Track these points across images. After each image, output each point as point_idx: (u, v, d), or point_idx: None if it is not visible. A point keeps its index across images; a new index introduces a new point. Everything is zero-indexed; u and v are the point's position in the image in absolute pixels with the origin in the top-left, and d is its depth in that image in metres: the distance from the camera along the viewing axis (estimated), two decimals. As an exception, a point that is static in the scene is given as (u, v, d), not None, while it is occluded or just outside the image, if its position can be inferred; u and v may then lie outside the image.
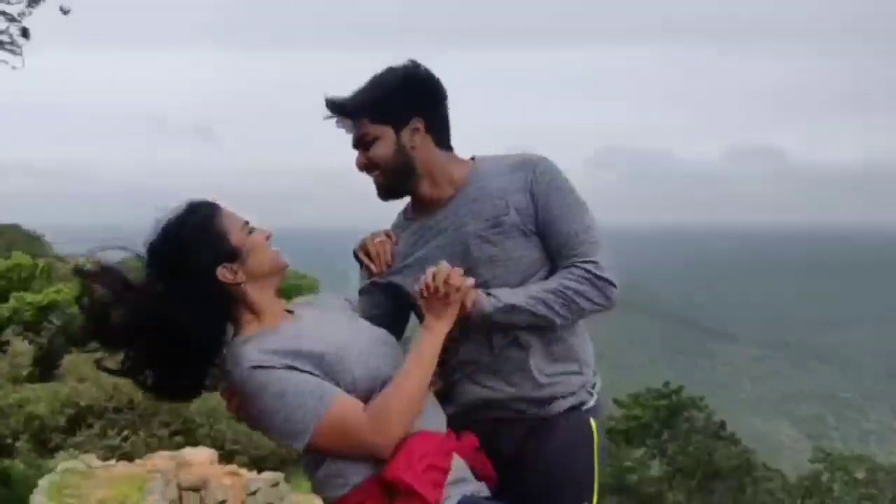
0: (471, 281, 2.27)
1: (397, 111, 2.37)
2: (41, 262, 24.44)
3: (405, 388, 2.11)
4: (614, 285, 2.32)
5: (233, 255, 2.20)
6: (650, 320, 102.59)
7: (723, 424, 23.59)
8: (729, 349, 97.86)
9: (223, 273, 2.18)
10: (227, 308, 2.23)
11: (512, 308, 2.29)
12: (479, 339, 2.39)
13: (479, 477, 2.27)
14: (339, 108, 2.40)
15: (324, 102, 2.41)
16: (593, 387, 2.49)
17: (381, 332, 2.35)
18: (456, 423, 2.34)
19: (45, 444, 14.33)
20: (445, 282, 2.21)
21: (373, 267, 2.52)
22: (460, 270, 2.25)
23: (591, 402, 2.46)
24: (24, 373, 13.78)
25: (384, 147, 2.39)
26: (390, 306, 2.51)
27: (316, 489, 2.25)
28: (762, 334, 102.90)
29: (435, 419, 2.25)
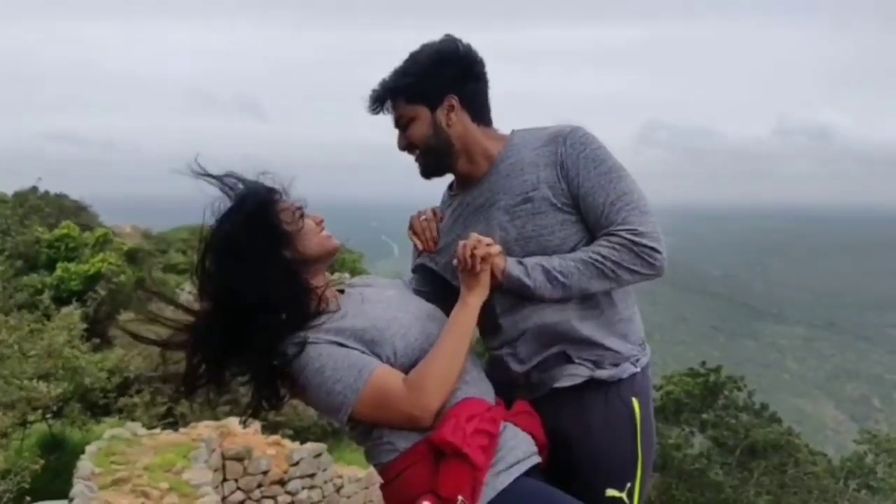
0: (496, 248, 2.26)
1: (431, 91, 2.37)
2: (97, 232, 24.71)
3: (440, 360, 2.13)
4: (658, 251, 2.26)
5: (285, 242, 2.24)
6: (696, 298, 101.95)
7: (763, 405, 23.35)
8: (775, 329, 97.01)
9: None
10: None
11: (542, 274, 2.26)
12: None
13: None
14: (376, 91, 2.41)
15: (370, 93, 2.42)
16: (636, 361, 2.43)
17: (428, 308, 2.36)
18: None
19: (94, 410, 14.55)
20: (472, 253, 2.22)
21: (419, 244, 2.55)
22: (487, 240, 2.25)
23: (624, 375, 2.38)
24: (73, 338, 13.97)
25: (421, 127, 2.39)
26: (437, 283, 2.52)
27: (367, 457, 2.30)
28: (809, 314, 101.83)
29: (480, 390, 2.26)
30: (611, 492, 2.35)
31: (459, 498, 2.05)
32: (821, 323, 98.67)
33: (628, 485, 2.37)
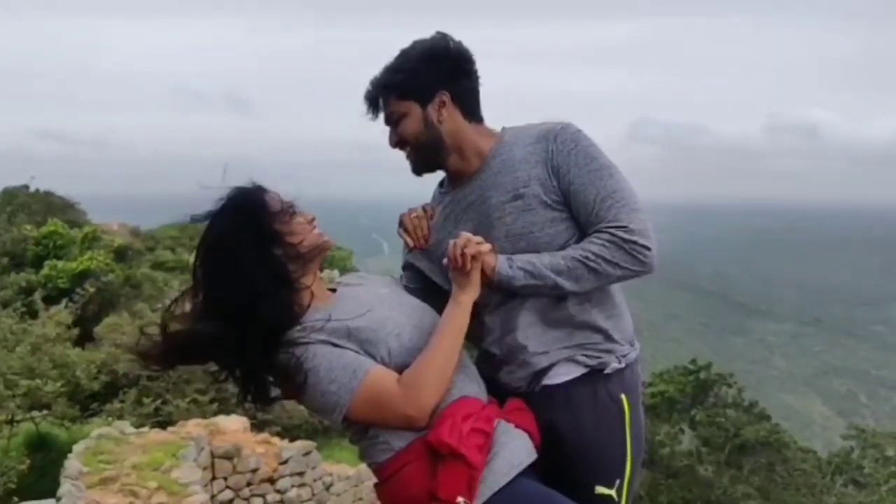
0: (486, 246, 2.25)
1: (422, 86, 2.36)
2: (85, 229, 24.59)
3: (435, 359, 2.12)
4: (648, 248, 2.24)
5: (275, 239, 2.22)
6: (686, 295, 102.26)
7: (752, 402, 23.47)
8: (763, 325, 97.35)
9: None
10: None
11: (533, 272, 2.26)
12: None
13: None
14: (368, 91, 2.41)
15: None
16: (624, 356, 2.42)
17: (422, 306, 2.35)
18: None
19: (82, 409, 14.48)
20: (462, 252, 2.21)
21: (410, 241, 2.54)
22: (477, 238, 2.25)
23: (609, 368, 2.37)
24: (61, 335, 13.89)
25: (412, 123, 2.38)
26: (428, 280, 2.51)
27: (361, 456, 2.29)
28: (797, 311, 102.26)
29: (473, 389, 2.25)
30: (600, 489, 2.35)
31: (459, 499, 2.04)
32: (808, 319, 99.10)
33: (617, 481, 2.37)
